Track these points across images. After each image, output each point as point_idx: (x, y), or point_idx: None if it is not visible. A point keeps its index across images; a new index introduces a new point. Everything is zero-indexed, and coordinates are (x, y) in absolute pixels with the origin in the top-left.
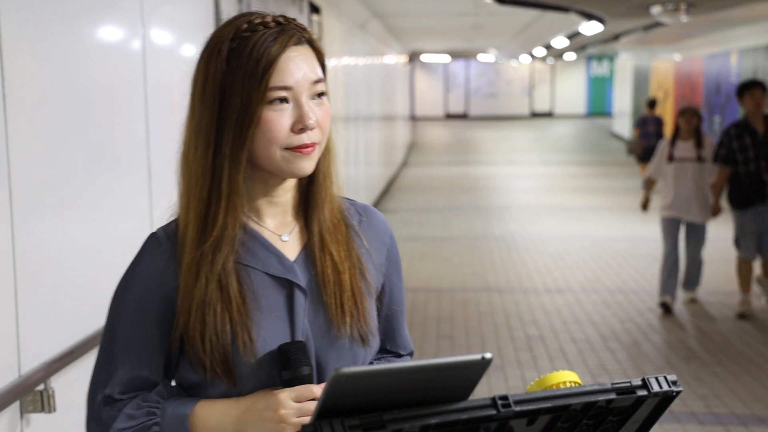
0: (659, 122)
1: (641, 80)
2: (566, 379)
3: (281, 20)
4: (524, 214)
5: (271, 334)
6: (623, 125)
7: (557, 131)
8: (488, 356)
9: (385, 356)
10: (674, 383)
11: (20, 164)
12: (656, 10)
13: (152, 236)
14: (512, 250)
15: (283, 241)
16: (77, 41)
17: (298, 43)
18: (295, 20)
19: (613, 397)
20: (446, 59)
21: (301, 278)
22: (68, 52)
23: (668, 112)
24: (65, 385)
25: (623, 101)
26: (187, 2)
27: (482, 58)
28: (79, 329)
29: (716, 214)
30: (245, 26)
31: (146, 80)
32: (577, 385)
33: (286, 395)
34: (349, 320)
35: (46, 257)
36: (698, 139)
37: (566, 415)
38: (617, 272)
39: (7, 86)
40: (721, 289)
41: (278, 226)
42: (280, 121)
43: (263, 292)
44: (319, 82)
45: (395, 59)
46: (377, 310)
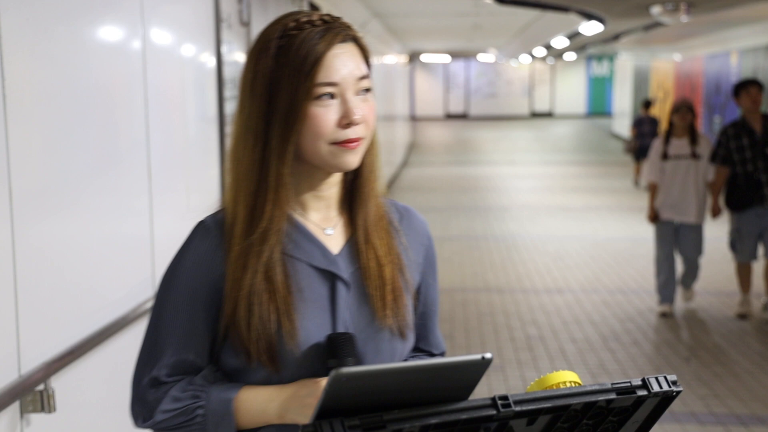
0: (655, 122)
1: (641, 80)
2: (566, 379)
3: (327, 18)
4: (524, 214)
5: (313, 324)
6: (623, 125)
7: (557, 131)
8: (488, 356)
9: (418, 355)
10: (674, 383)
11: (20, 164)
12: (656, 10)
13: (201, 224)
14: (512, 250)
15: (327, 234)
16: (77, 41)
17: (343, 40)
18: (340, 18)
19: (613, 397)
20: (446, 59)
21: (343, 271)
22: (68, 52)
23: (668, 112)
24: (65, 385)
25: (623, 101)
26: (187, 2)
27: (482, 58)
28: (79, 329)
29: (716, 214)
30: (292, 24)
31: (146, 80)
32: (577, 385)
33: None
34: (390, 313)
35: (46, 257)
36: (693, 135)
37: (566, 415)
38: (617, 272)
39: (7, 86)
40: (721, 289)
41: (322, 219)
42: (326, 116)
43: (307, 283)
44: (364, 78)
45: (395, 59)
46: (413, 307)
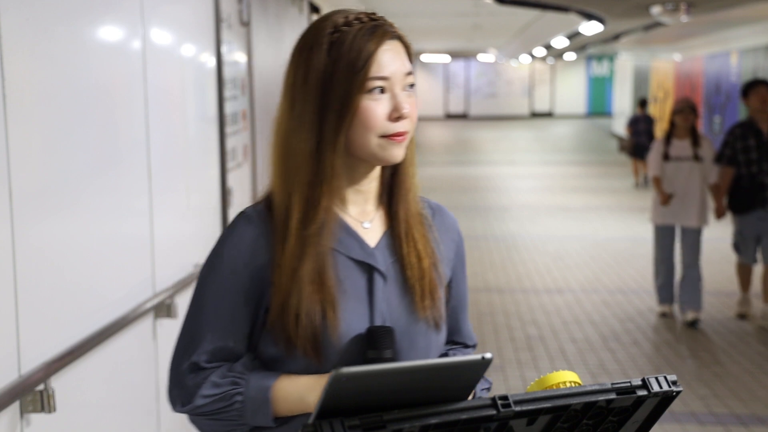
0: (650, 121)
1: (641, 80)
2: (566, 379)
3: (373, 16)
4: (524, 214)
5: (353, 315)
6: (623, 125)
7: (557, 131)
8: (488, 356)
9: (453, 347)
10: (674, 383)
11: (20, 164)
12: (656, 10)
13: (242, 214)
14: (512, 250)
15: (364, 228)
16: (77, 41)
17: (391, 37)
18: (383, 17)
19: (613, 397)
20: (446, 59)
21: (381, 263)
22: (68, 52)
23: (668, 111)
24: (65, 385)
25: (623, 101)
26: (187, 2)
27: (482, 58)
28: (79, 329)
29: (720, 216)
30: (342, 20)
31: (146, 80)
32: (577, 385)
33: None
34: (428, 305)
35: (46, 257)
36: (694, 137)
37: (566, 415)
38: (617, 272)
39: (7, 86)
40: (721, 289)
41: (360, 213)
42: (377, 109)
43: (346, 275)
44: (410, 74)
45: None
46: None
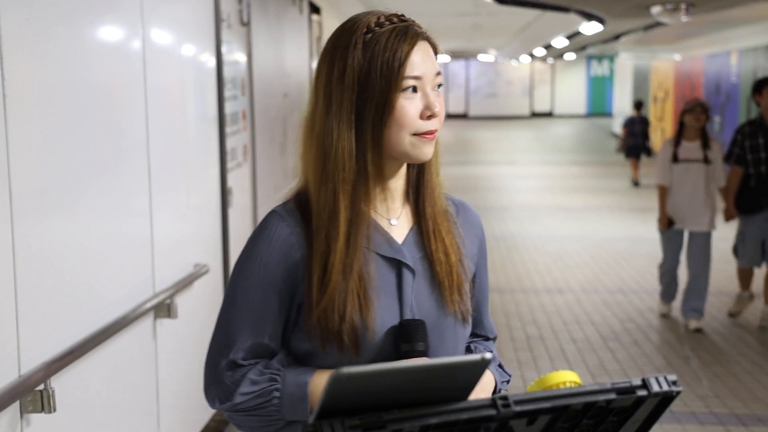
0: (645, 122)
1: (641, 80)
2: (566, 379)
3: (403, 18)
4: (524, 214)
5: (385, 311)
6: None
7: (557, 131)
8: (488, 356)
9: (476, 340)
10: (674, 383)
11: (20, 164)
12: (656, 10)
13: (273, 212)
14: (512, 250)
15: (391, 225)
16: (77, 41)
17: (422, 38)
18: (411, 19)
19: (613, 397)
20: (446, 59)
21: (408, 259)
22: (68, 52)
23: (668, 112)
24: (65, 385)
25: (623, 101)
26: (187, 2)
27: (482, 58)
28: (79, 329)
29: (730, 218)
30: (375, 21)
31: (146, 80)
32: (577, 385)
33: None
34: (456, 299)
35: (46, 257)
36: (704, 139)
37: (566, 415)
38: (617, 272)
39: (7, 86)
40: (721, 289)
41: (386, 211)
42: (411, 108)
43: (377, 271)
44: (439, 74)
45: None
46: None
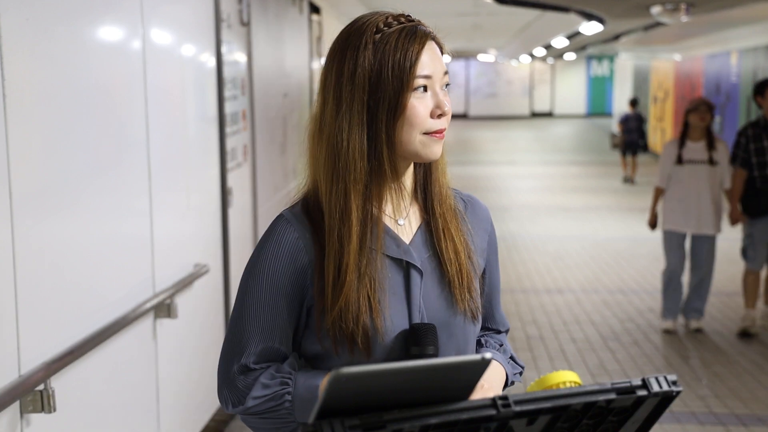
0: (640, 118)
1: (641, 80)
2: (566, 379)
3: (410, 18)
4: (524, 214)
5: (394, 312)
6: None
7: (557, 131)
8: (488, 356)
9: (487, 333)
10: (674, 383)
11: (20, 164)
12: (656, 10)
13: (280, 216)
14: (512, 250)
15: (398, 225)
16: (77, 41)
17: (430, 38)
18: (418, 19)
19: (613, 397)
20: (446, 59)
21: (416, 259)
22: (68, 52)
23: (668, 111)
24: (65, 385)
25: (623, 101)
26: (187, 2)
27: (482, 58)
28: (79, 329)
29: (736, 221)
30: (383, 21)
31: (146, 80)
32: (577, 385)
33: None
34: (466, 297)
35: (46, 257)
36: (710, 139)
37: (566, 415)
38: (617, 272)
39: (7, 86)
40: (721, 289)
41: (393, 211)
42: (422, 107)
43: (384, 273)
44: (446, 73)
45: None
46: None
